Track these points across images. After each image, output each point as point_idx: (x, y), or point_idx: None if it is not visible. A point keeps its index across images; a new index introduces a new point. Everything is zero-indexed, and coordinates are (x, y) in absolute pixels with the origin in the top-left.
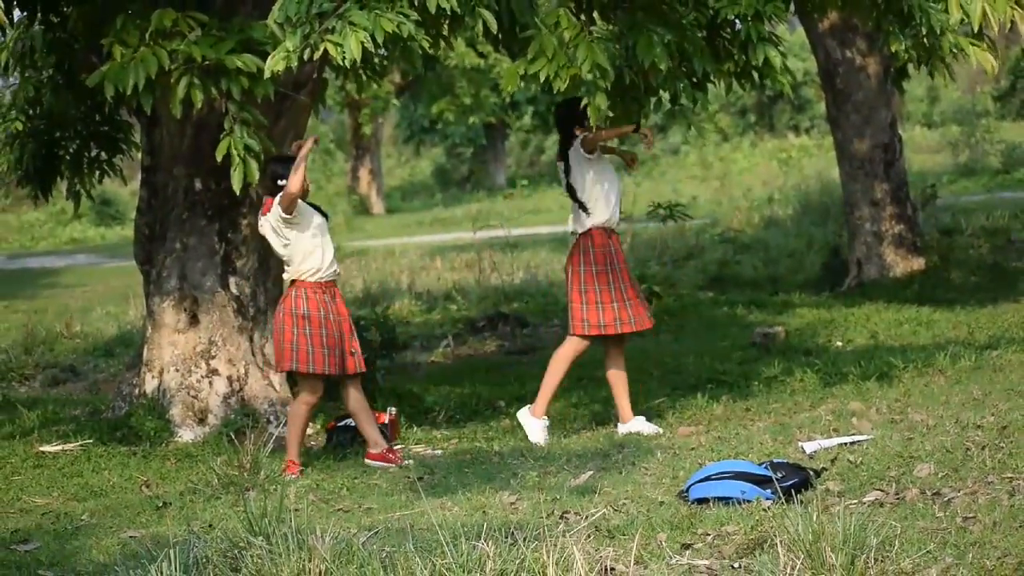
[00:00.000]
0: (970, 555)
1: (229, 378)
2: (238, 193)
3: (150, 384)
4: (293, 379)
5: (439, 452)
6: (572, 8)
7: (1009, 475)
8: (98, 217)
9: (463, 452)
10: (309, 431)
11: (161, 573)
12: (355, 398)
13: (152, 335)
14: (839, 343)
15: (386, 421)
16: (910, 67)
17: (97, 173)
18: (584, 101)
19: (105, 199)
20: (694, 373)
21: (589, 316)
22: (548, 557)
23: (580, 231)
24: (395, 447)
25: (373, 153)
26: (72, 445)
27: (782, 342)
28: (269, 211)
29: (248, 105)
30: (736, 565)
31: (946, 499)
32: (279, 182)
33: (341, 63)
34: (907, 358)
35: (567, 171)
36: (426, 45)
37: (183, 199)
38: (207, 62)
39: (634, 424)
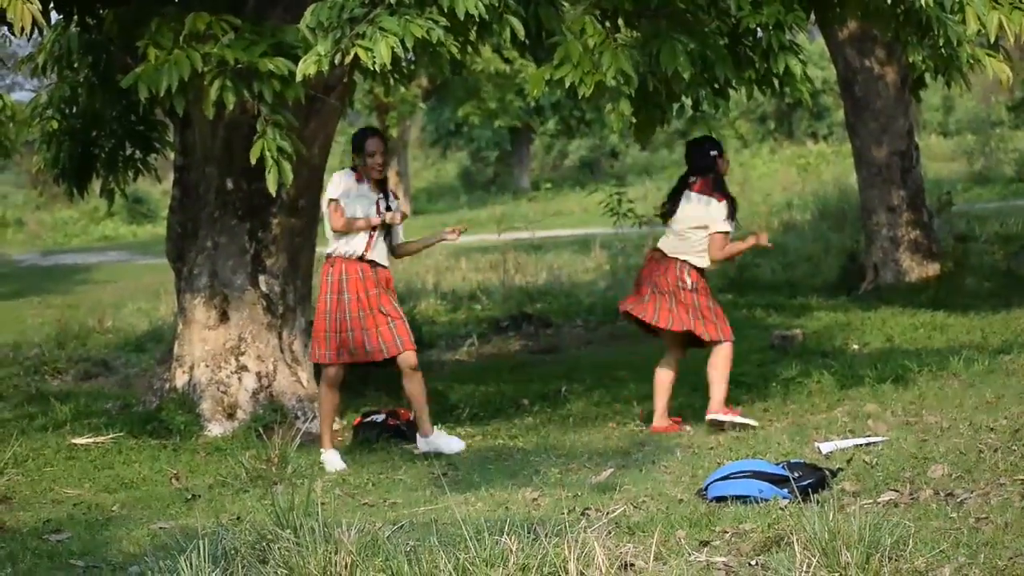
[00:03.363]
0: (982, 555)
1: (258, 374)
2: (273, 194)
3: (180, 379)
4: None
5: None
6: (597, 16)
7: (1021, 477)
8: (130, 215)
9: (486, 449)
10: (336, 426)
11: (190, 564)
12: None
13: (183, 331)
14: (855, 346)
15: (411, 417)
16: (927, 77)
17: (131, 172)
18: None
19: (137, 197)
20: None
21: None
22: (569, 552)
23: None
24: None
25: (400, 155)
26: (104, 438)
27: (800, 344)
28: None
29: (279, 108)
30: (753, 562)
31: (959, 500)
32: None
33: (371, 68)
34: (922, 362)
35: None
36: (455, 51)
37: (215, 198)
38: (239, 65)
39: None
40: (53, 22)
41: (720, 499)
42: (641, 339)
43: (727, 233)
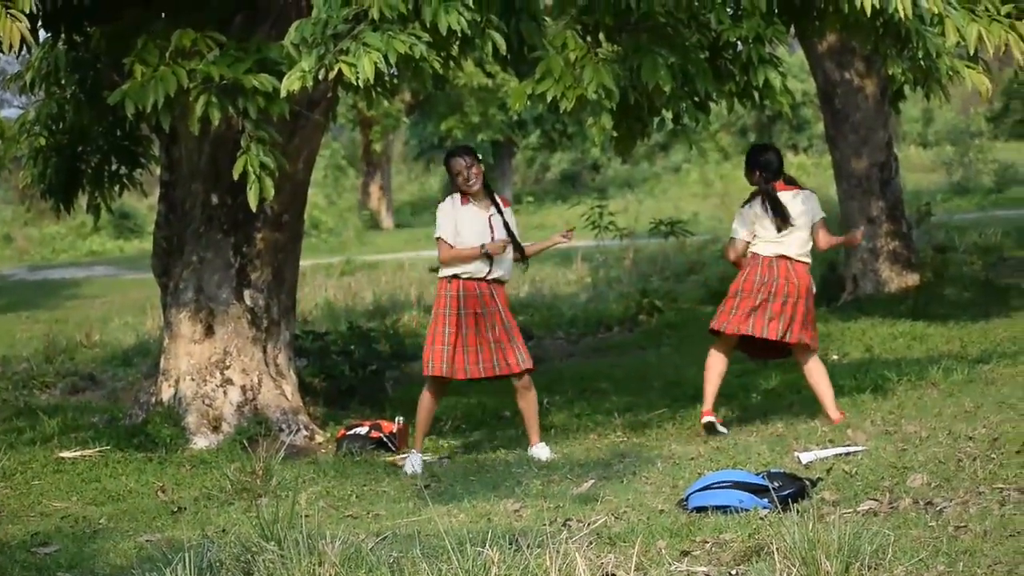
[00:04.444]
0: (961, 563)
1: (243, 387)
2: (254, 209)
3: (166, 393)
4: (305, 389)
5: (445, 460)
6: (579, 30)
7: (1000, 486)
8: (116, 230)
9: (469, 461)
10: (320, 439)
11: None
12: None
13: (169, 345)
14: (835, 356)
15: (394, 430)
16: (906, 88)
17: (117, 187)
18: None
19: (123, 213)
20: (693, 385)
21: None
22: (551, 563)
23: None
24: (402, 455)
25: (383, 169)
26: (91, 451)
27: None
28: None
29: (264, 123)
30: (734, 572)
31: (938, 509)
32: None
33: (355, 83)
34: (901, 371)
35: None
36: (437, 66)
37: (200, 213)
38: (224, 81)
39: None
40: (41, 40)
41: (701, 509)
42: (622, 351)
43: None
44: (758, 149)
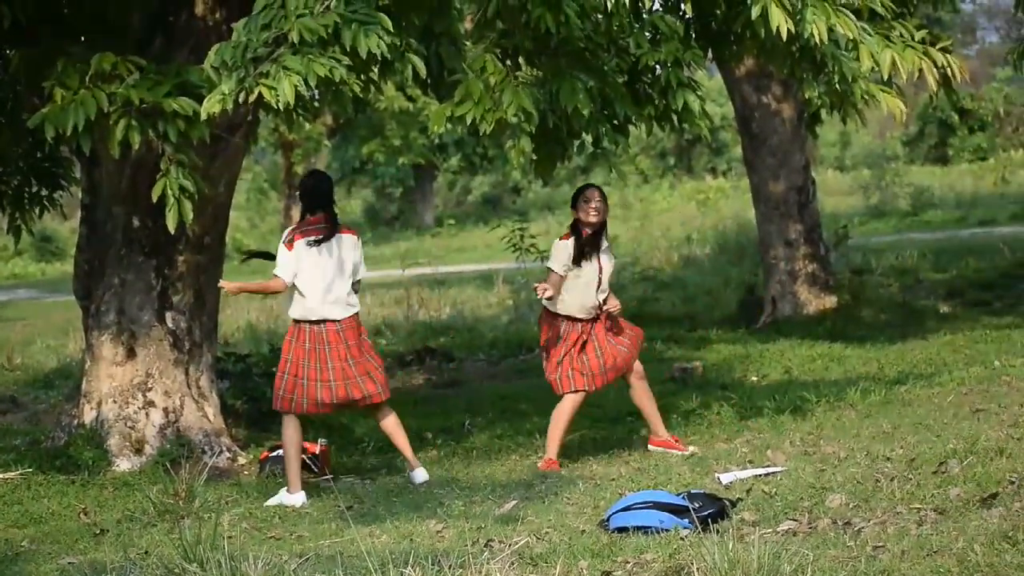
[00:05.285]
0: None
1: (165, 409)
2: (173, 232)
3: (88, 415)
4: (228, 411)
5: (368, 482)
6: (498, 54)
7: (917, 506)
8: (39, 253)
9: (391, 482)
10: (242, 460)
11: None
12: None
13: (91, 367)
14: (754, 378)
15: (317, 452)
16: (823, 112)
17: (38, 208)
18: None
19: (45, 236)
20: (615, 406)
21: None
22: None
23: None
24: (326, 478)
25: None
26: (12, 474)
27: (699, 377)
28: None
29: (184, 147)
30: None
31: (856, 529)
32: None
33: (275, 106)
34: (820, 392)
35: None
36: (357, 89)
37: (121, 236)
38: (144, 105)
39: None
40: None
41: (622, 530)
42: (540, 373)
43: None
44: None
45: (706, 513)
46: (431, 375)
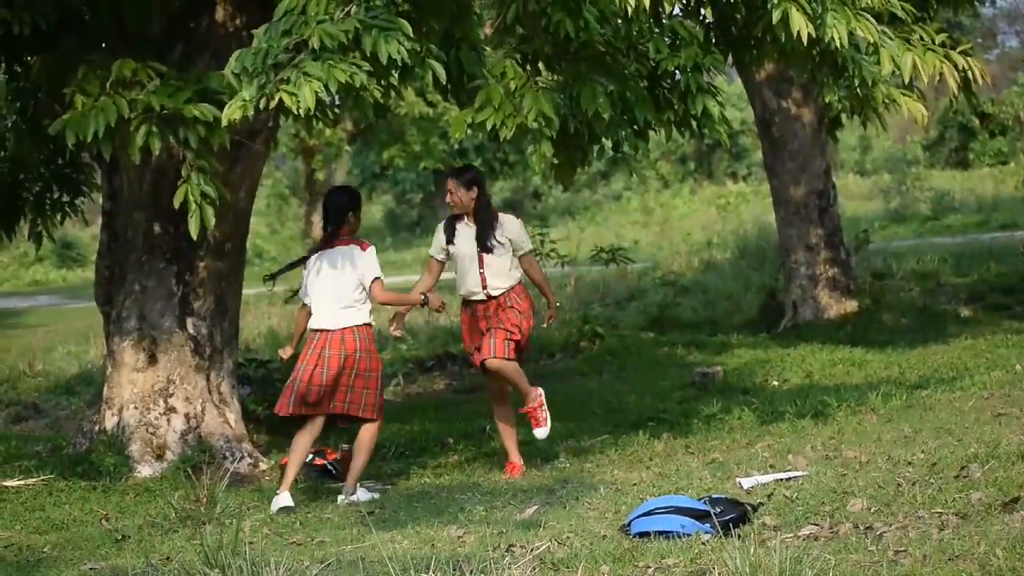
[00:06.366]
0: None
1: (186, 415)
2: (195, 238)
3: (110, 421)
4: (249, 416)
5: (389, 487)
6: (518, 59)
7: (938, 510)
8: (60, 260)
9: (412, 487)
10: (263, 466)
11: None
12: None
13: (112, 374)
14: (775, 382)
15: (338, 457)
16: (843, 117)
17: (59, 215)
18: None
19: (66, 242)
20: (635, 411)
21: None
22: None
23: None
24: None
25: None
26: (34, 480)
27: (720, 381)
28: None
29: (205, 153)
30: None
31: (878, 533)
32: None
33: (296, 112)
34: (841, 397)
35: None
36: (377, 95)
37: (142, 242)
38: (165, 111)
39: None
40: None
41: (643, 535)
42: (564, 378)
43: None
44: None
45: (727, 518)
46: (452, 380)
